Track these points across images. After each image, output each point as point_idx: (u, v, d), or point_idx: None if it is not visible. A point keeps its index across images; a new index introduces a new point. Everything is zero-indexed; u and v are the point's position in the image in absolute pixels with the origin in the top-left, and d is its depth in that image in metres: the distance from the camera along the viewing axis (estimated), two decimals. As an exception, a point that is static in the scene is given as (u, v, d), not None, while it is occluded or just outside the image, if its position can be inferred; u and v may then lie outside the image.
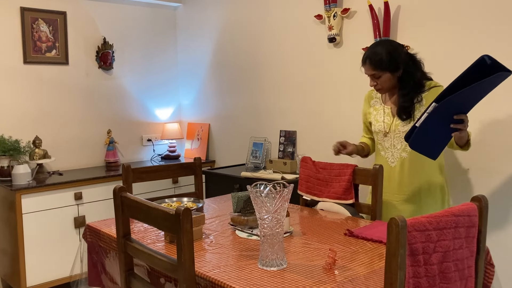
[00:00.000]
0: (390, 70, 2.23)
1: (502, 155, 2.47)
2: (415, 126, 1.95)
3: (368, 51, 2.30)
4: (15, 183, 3.33)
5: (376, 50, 2.25)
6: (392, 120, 2.32)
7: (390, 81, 2.27)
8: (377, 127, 2.38)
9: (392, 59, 2.22)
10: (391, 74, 2.25)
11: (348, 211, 2.37)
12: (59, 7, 3.86)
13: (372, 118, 2.42)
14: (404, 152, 2.29)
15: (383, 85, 2.28)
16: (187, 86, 4.60)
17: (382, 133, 2.36)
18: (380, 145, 2.40)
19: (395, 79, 2.27)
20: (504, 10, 2.42)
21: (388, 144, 2.35)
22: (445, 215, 1.34)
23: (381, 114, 2.38)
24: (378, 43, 2.33)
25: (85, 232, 2.27)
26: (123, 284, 1.81)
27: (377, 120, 2.39)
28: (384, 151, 2.37)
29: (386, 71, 2.23)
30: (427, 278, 1.27)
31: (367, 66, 2.27)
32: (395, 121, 2.31)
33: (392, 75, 2.25)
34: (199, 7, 4.35)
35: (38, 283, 3.32)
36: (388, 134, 2.34)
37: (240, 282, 1.51)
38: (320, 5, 3.25)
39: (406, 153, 2.28)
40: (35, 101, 3.78)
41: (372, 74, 2.27)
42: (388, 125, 2.33)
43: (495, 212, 2.47)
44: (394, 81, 2.28)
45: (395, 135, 2.31)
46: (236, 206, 2.12)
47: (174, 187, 4.08)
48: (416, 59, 2.31)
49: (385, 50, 2.23)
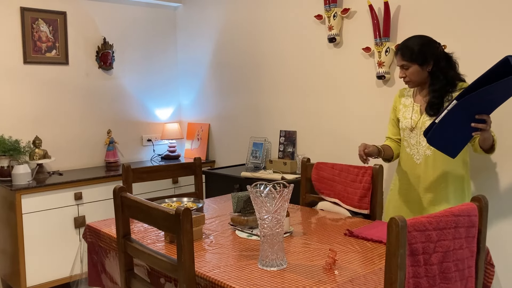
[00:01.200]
0: (418, 62, 2.24)
1: (502, 155, 2.47)
2: (434, 122, 1.96)
3: (402, 43, 2.32)
4: (15, 183, 3.33)
5: (409, 41, 2.29)
6: (419, 117, 2.32)
7: (419, 74, 2.27)
8: (404, 124, 2.38)
9: (421, 51, 2.24)
10: (420, 67, 2.25)
11: (348, 211, 2.37)
12: (59, 7, 3.86)
13: (401, 115, 2.43)
14: (429, 149, 2.27)
15: (411, 78, 2.29)
16: (187, 86, 4.60)
17: (408, 129, 2.35)
18: (406, 142, 2.39)
19: (424, 73, 2.27)
20: (505, 9, 2.41)
21: (414, 141, 2.34)
22: (445, 215, 1.34)
23: (409, 111, 2.38)
24: (413, 36, 2.34)
25: (85, 232, 2.27)
26: (123, 284, 1.81)
27: (405, 116, 2.39)
28: (410, 148, 2.36)
29: (415, 62, 2.25)
30: (427, 278, 1.27)
31: (398, 57, 2.30)
32: (422, 118, 2.30)
33: (421, 68, 2.26)
34: (199, 7, 4.35)
35: (38, 283, 3.32)
36: (414, 130, 2.33)
37: (240, 282, 1.51)
38: (320, 5, 3.25)
39: (430, 150, 2.27)
40: (35, 101, 3.78)
41: (402, 64, 2.29)
42: (415, 122, 2.33)
43: (495, 212, 2.47)
44: (424, 76, 2.28)
45: (421, 132, 2.28)
46: (236, 206, 2.12)
47: (174, 187, 4.08)
48: (451, 58, 2.31)
49: (417, 42, 2.26)
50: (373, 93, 3.02)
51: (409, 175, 2.35)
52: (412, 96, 2.41)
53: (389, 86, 2.94)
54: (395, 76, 2.89)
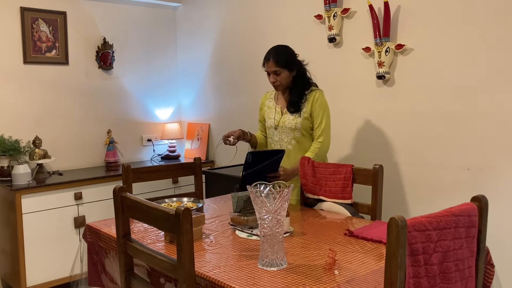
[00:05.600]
0: (288, 68, 2.61)
1: (502, 155, 2.47)
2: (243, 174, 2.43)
3: (271, 51, 2.64)
4: (15, 183, 3.33)
5: (278, 51, 2.63)
6: (281, 117, 2.70)
7: (288, 78, 2.64)
8: (269, 123, 2.77)
9: (291, 59, 2.62)
10: (289, 72, 2.62)
11: (348, 211, 2.37)
12: (59, 7, 3.86)
13: (266, 115, 2.80)
14: (289, 144, 2.68)
15: (282, 82, 2.63)
16: (187, 86, 4.60)
17: (273, 128, 2.74)
18: (270, 139, 2.78)
19: (291, 78, 2.65)
20: (504, 9, 2.42)
21: (277, 138, 2.73)
22: (445, 215, 1.34)
23: (273, 112, 2.76)
24: (279, 46, 2.69)
25: (85, 232, 2.27)
26: (123, 284, 1.81)
27: (269, 117, 2.77)
28: (274, 144, 2.75)
29: (286, 69, 2.60)
30: (427, 278, 1.27)
31: (270, 64, 2.60)
32: (283, 118, 2.69)
33: (289, 74, 2.63)
34: (199, 7, 4.35)
35: (38, 283, 3.32)
36: (277, 129, 2.71)
37: (240, 282, 1.51)
38: (320, 5, 3.25)
39: (291, 145, 2.68)
40: (35, 101, 3.78)
41: (275, 70, 2.60)
42: (277, 121, 2.71)
43: (495, 212, 2.47)
44: (290, 80, 2.65)
45: (282, 130, 2.69)
46: (236, 206, 2.12)
47: (174, 187, 4.08)
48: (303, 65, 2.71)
49: (286, 51, 2.65)
50: (373, 93, 3.02)
51: None
52: (274, 99, 2.79)
53: (389, 86, 2.94)
54: (395, 76, 2.89)
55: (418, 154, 2.82)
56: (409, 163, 2.87)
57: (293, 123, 2.64)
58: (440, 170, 2.72)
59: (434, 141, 2.74)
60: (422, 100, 2.77)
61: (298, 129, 2.64)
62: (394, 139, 2.93)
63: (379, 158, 2.99)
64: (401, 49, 2.82)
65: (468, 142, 2.59)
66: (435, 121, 2.73)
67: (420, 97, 2.78)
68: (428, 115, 2.75)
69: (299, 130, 2.65)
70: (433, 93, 2.72)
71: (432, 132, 2.74)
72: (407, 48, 2.81)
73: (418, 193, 2.84)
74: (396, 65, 2.88)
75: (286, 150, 2.65)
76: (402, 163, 2.90)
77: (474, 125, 2.56)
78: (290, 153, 2.67)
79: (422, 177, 2.80)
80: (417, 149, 2.82)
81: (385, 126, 2.98)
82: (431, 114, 2.74)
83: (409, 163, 2.87)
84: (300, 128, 2.64)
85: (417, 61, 2.78)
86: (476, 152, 2.56)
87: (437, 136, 2.72)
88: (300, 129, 2.64)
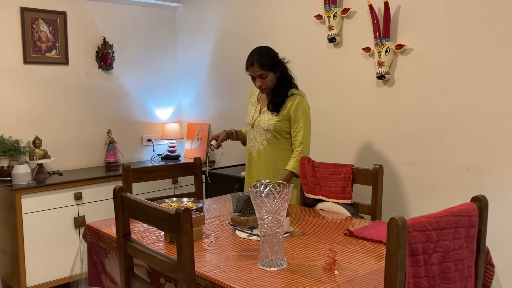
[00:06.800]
0: (273, 70, 2.58)
1: (502, 155, 2.47)
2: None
3: (253, 55, 2.58)
4: (15, 183, 3.33)
5: (262, 53, 2.58)
6: (258, 116, 2.70)
7: (273, 80, 2.61)
8: (247, 120, 2.79)
9: (275, 61, 2.60)
10: (274, 74, 2.59)
11: (348, 211, 2.37)
12: (59, 7, 3.86)
13: (248, 112, 2.81)
14: (261, 145, 2.68)
15: (268, 84, 2.60)
16: (187, 86, 4.60)
17: (250, 125, 2.75)
18: (247, 137, 2.81)
19: (276, 79, 2.62)
20: (504, 9, 2.42)
21: (252, 136, 2.74)
22: (445, 215, 1.34)
23: (253, 110, 2.77)
24: (260, 47, 2.64)
25: (85, 232, 2.27)
26: (123, 284, 1.81)
27: (249, 114, 2.79)
28: (249, 142, 2.77)
29: (271, 71, 2.57)
30: (427, 278, 1.27)
31: (255, 68, 2.55)
32: (259, 117, 2.69)
33: (274, 75, 2.60)
34: (199, 7, 4.35)
35: (38, 283, 3.32)
36: (253, 127, 2.71)
37: (240, 282, 1.51)
38: (320, 5, 3.25)
39: (263, 146, 2.67)
40: (35, 101, 3.78)
41: (260, 74, 2.56)
42: (254, 119, 2.71)
43: (495, 212, 2.47)
44: (275, 81, 2.62)
45: (257, 129, 2.69)
46: (236, 206, 2.12)
47: (174, 187, 4.08)
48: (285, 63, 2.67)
49: (270, 53, 2.61)
50: (373, 93, 3.02)
51: (249, 164, 2.77)
52: (257, 97, 2.79)
53: (389, 86, 2.94)
54: (395, 76, 2.89)
55: (418, 154, 2.82)
56: (409, 163, 2.87)
57: (266, 124, 2.63)
58: (440, 170, 2.72)
59: (434, 141, 2.74)
60: (422, 100, 2.77)
61: (271, 130, 2.62)
62: (394, 139, 2.93)
63: (379, 158, 2.99)
64: (401, 49, 2.82)
65: (468, 142, 2.59)
66: (435, 121, 2.73)
67: (420, 97, 2.78)
68: (428, 115, 2.75)
69: (271, 131, 2.62)
70: (433, 93, 2.72)
71: (432, 132, 2.74)
72: (407, 48, 2.82)
73: (418, 193, 2.84)
74: (396, 65, 2.88)
75: (257, 150, 2.70)
76: (402, 163, 2.90)
77: (474, 125, 2.56)
78: (261, 154, 2.68)
79: (422, 177, 2.80)
80: (417, 149, 2.82)
81: (385, 126, 2.98)
82: (431, 114, 2.74)
83: (409, 163, 2.87)
84: (273, 130, 2.61)
85: (417, 61, 2.78)
86: (476, 152, 2.56)
87: (437, 136, 2.72)
88: (273, 130, 2.61)
